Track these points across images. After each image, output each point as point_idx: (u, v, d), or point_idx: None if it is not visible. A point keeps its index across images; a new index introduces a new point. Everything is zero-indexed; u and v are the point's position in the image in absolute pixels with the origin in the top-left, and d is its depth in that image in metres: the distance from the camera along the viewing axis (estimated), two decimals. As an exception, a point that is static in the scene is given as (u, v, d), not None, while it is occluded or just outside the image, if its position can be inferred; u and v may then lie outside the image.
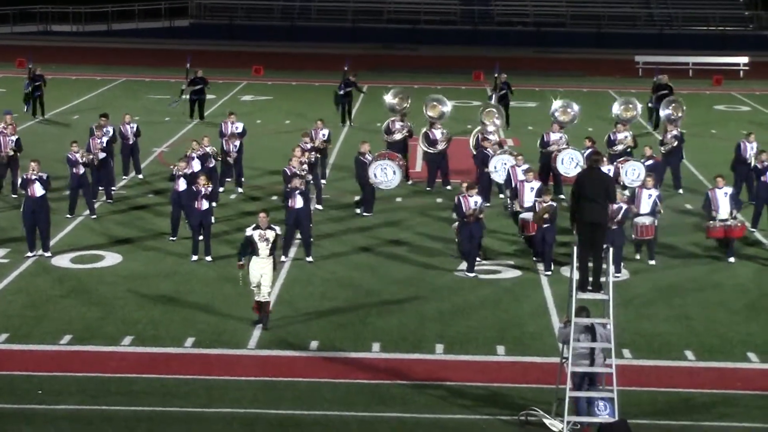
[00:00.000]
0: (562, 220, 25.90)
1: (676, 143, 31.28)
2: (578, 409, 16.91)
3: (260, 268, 20.69)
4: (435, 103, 34.17)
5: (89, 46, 65.05)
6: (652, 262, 25.11)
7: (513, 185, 26.82)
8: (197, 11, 71.72)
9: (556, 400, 17.11)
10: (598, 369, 16.92)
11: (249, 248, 20.91)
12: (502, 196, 29.94)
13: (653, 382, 18.94)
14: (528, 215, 25.03)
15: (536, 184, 25.75)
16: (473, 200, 24.13)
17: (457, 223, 24.54)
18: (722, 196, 25.40)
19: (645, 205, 25.08)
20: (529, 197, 25.47)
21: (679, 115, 35.19)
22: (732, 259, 25.42)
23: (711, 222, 25.41)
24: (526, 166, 26.96)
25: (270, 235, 20.79)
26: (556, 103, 35.24)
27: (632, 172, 27.82)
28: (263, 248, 20.70)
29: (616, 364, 16.80)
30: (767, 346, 20.57)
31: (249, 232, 20.94)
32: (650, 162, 28.43)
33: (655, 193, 25.35)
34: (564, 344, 16.95)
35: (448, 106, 34.18)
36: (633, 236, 25.10)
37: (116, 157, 31.52)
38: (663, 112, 35.81)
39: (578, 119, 35.30)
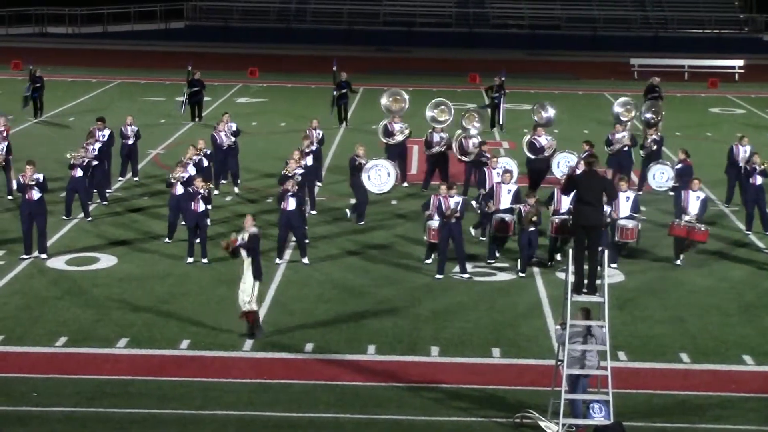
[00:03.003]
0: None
1: (655, 147, 31.27)
2: (574, 412, 16.94)
3: (242, 273, 20.53)
4: (443, 108, 33.80)
5: (85, 48, 64.98)
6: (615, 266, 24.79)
7: (489, 186, 26.50)
8: (193, 13, 71.62)
9: (551, 402, 17.13)
10: (593, 371, 16.95)
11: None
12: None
13: (648, 384, 18.95)
14: (505, 216, 24.88)
15: (513, 187, 25.52)
16: (453, 201, 24.08)
17: (436, 223, 24.38)
18: (694, 199, 25.37)
19: (624, 208, 25.03)
20: (505, 199, 25.35)
21: (658, 119, 35.18)
22: (678, 262, 25.28)
23: (676, 220, 25.42)
24: (502, 168, 26.84)
25: (246, 235, 20.64)
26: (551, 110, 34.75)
27: (660, 176, 27.57)
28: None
29: (611, 366, 16.85)
30: (762, 348, 20.61)
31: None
32: (680, 165, 28.06)
33: (632, 195, 25.34)
34: (561, 346, 16.95)
35: (450, 115, 33.58)
36: (615, 238, 25.01)
37: (115, 158, 31.53)
38: (643, 116, 35.76)
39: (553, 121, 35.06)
